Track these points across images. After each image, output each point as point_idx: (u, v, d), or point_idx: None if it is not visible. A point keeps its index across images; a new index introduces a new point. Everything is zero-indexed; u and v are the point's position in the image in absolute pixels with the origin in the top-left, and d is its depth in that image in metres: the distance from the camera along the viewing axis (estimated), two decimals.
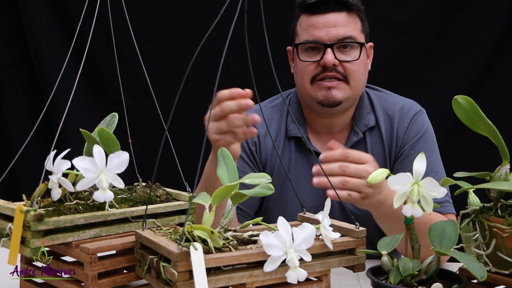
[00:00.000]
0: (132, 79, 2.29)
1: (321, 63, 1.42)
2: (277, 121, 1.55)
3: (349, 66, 1.42)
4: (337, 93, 1.42)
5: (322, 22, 1.42)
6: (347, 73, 1.42)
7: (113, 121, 1.13)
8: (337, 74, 1.42)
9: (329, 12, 1.42)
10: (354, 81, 1.43)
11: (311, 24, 1.43)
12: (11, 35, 2.43)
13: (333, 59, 1.40)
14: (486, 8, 2.27)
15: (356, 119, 1.51)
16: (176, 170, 1.10)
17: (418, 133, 1.49)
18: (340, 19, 1.42)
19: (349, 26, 1.43)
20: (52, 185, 0.93)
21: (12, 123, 2.44)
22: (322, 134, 1.54)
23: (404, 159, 1.48)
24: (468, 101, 0.87)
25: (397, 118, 1.51)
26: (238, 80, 2.35)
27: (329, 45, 1.41)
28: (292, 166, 1.51)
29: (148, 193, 1.08)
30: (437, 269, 0.83)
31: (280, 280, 0.85)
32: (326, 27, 1.42)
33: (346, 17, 1.43)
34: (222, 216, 0.93)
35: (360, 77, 1.46)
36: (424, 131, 1.50)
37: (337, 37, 1.41)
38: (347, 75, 1.42)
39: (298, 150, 1.52)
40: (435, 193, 0.81)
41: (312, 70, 1.43)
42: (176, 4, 2.39)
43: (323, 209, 0.92)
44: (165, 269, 0.80)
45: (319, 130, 1.54)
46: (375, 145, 1.50)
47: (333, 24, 1.42)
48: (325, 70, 1.42)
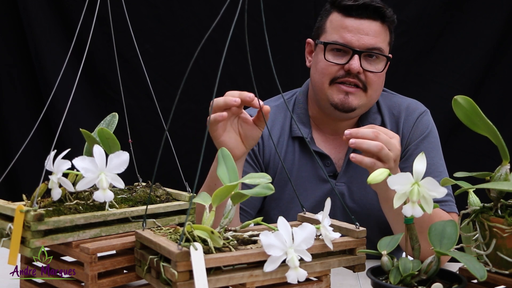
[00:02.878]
0: (132, 79, 2.28)
1: (346, 68, 1.41)
2: (281, 121, 1.54)
3: (371, 76, 1.42)
4: (353, 100, 1.42)
5: (356, 26, 1.41)
6: (367, 82, 1.42)
7: (113, 121, 1.13)
8: (358, 81, 1.42)
9: (364, 18, 1.41)
10: (372, 91, 1.44)
11: (344, 26, 1.41)
12: (11, 35, 2.43)
13: (359, 66, 1.40)
14: (486, 8, 2.27)
15: (363, 119, 1.51)
16: (176, 170, 1.10)
17: (423, 133, 1.49)
18: (374, 28, 1.41)
19: (380, 37, 1.43)
20: (52, 185, 0.93)
21: (12, 123, 2.44)
22: (327, 134, 1.53)
23: (408, 158, 1.48)
24: (468, 101, 0.87)
25: (403, 117, 1.51)
26: (238, 80, 2.35)
27: (358, 52, 1.40)
28: (295, 166, 1.50)
29: (148, 193, 1.08)
30: (437, 269, 0.83)
31: (280, 280, 0.85)
32: (359, 33, 1.40)
33: (380, 27, 1.43)
34: (222, 216, 0.93)
35: (378, 88, 1.46)
36: (429, 131, 1.51)
37: (367, 46, 1.41)
38: (367, 84, 1.42)
39: (302, 150, 1.51)
40: (435, 193, 0.81)
41: (334, 72, 1.42)
42: (176, 4, 2.39)
43: (323, 209, 0.92)
44: (165, 269, 0.80)
45: (324, 130, 1.53)
46: None
47: (366, 31, 1.41)
48: (348, 75, 1.41)
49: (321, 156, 1.50)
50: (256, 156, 1.52)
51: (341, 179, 1.49)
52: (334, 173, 1.50)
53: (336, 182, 1.49)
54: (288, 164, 1.50)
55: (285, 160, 1.51)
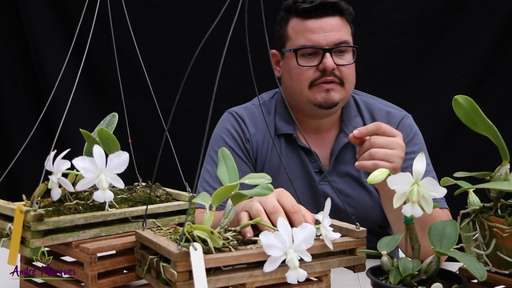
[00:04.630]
0: (132, 79, 2.29)
1: (320, 68, 1.44)
2: (268, 120, 1.57)
3: (344, 69, 1.47)
4: (335, 95, 1.46)
5: (319, 26, 1.44)
6: (343, 76, 1.46)
7: (113, 121, 1.13)
8: (334, 78, 1.45)
9: (324, 17, 1.45)
10: (348, 83, 1.48)
11: (308, 29, 1.44)
12: (11, 35, 2.43)
13: (333, 63, 1.43)
14: (486, 8, 2.27)
15: (345, 122, 1.55)
16: (176, 170, 1.10)
17: (408, 136, 1.52)
18: (335, 24, 1.45)
19: (343, 30, 1.47)
20: (52, 185, 0.93)
21: (12, 123, 2.44)
22: (309, 133, 1.56)
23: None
24: (468, 101, 0.87)
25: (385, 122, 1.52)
26: (238, 80, 2.35)
27: (328, 50, 1.43)
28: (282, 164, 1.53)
29: (148, 193, 1.08)
30: (437, 269, 0.83)
31: (280, 280, 0.85)
32: (323, 32, 1.44)
33: (340, 21, 1.47)
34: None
35: (353, 79, 1.50)
36: (414, 134, 1.54)
37: (334, 42, 1.44)
38: (343, 79, 1.46)
39: (287, 146, 1.55)
40: (435, 193, 0.81)
41: (310, 75, 1.45)
42: (176, 4, 2.39)
43: (323, 209, 0.92)
44: (165, 269, 0.80)
45: (306, 130, 1.56)
46: None
47: (329, 28, 1.44)
48: (324, 74, 1.44)
49: (306, 152, 1.53)
50: (248, 152, 1.55)
51: (329, 176, 1.52)
52: (320, 169, 1.53)
53: (320, 181, 1.52)
54: (276, 160, 1.53)
55: (271, 157, 1.54)
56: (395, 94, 2.34)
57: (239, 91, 2.34)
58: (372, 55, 2.38)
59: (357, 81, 1.56)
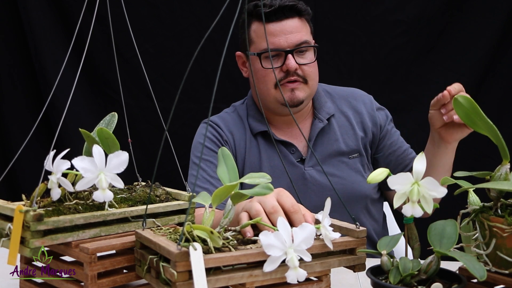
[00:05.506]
0: (132, 79, 2.29)
1: (284, 69, 1.51)
2: (240, 123, 1.65)
3: (306, 68, 1.53)
4: (299, 93, 1.53)
5: (279, 29, 1.50)
6: (305, 75, 1.54)
7: (112, 121, 1.13)
8: (298, 77, 1.52)
9: (283, 19, 1.51)
10: (311, 81, 1.55)
11: (269, 32, 1.50)
12: (11, 35, 2.43)
13: (295, 64, 1.50)
14: (486, 8, 2.27)
15: (318, 108, 1.64)
16: (176, 170, 1.10)
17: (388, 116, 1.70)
18: (295, 25, 1.52)
19: (303, 31, 1.53)
20: (52, 185, 0.93)
21: (12, 123, 2.45)
22: (284, 128, 1.64)
23: (385, 136, 1.68)
24: (468, 100, 0.87)
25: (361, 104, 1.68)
26: (238, 80, 2.35)
27: (289, 51, 1.50)
28: (264, 159, 1.60)
29: (148, 192, 1.08)
30: (437, 269, 0.83)
31: (280, 280, 0.84)
32: (284, 34, 1.50)
33: (299, 22, 1.53)
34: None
35: (316, 76, 1.58)
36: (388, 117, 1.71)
37: (295, 43, 1.51)
38: (306, 77, 1.54)
39: (265, 143, 1.62)
40: (435, 193, 0.81)
41: (274, 76, 1.51)
42: (176, 4, 2.39)
43: (323, 209, 0.92)
44: (165, 269, 0.80)
45: (280, 125, 1.64)
46: (343, 127, 1.64)
47: (289, 30, 1.50)
48: (288, 75, 1.51)
49: (285, 145, 1.60)
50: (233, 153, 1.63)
51: (308, 163, 1.59)
52: (301, 158, 1.60)
53: (305, 167, 1.59)
54: (256, 158, 1.60)
55: (250, 156, 1.60)
56: (395, 94, 2.35)
57: (238, 91, 2.34)
58: (372, 55, 2.38)
59: (356, 82, 1.57)
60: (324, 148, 1.61)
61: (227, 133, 1.62)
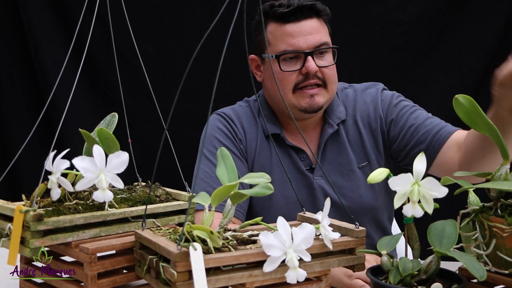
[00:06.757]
0: (132, 79, 2.29)
1: (303, 71, 1.44)
2: (253, 122, 1.57)
3: (326, 71, 1.46)
4: (319, 99, 1.46)
5: (298, 30, 1.44)
6: (326, 78, 1.46)
7: (112, 121, 1.13)
8: (318, 80, 1.45)
9: (302, 20, 1.44)
10: (331, 84, 1.48)
11: (287, 33, 1.44)
12: (11, 35, 2.43)
13: (315, 66, 1.43)
14: (486, 8, 2.27)
15: (329, 113, 1.55)
16: (176, 170, 1.10)
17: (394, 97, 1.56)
18: (313, 26, 1.45)
19: (322, 31, 1.47)
20: (52, 185, 0.93)
21: (12, 123, 2.44)
22: (296, 133, 1.56)
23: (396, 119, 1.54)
24: (469, 100, 0.87)
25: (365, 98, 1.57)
26: (238, 80, 2.35)
27: (309, 53, 1.43)
28: (274, 163, 1.53)
29: (148, 193, 1.08)
30: (436, 269, 0.83)
31: (279, 280, 0.84)
32: (303, 35, 1.44)
33: (318, 23, 1.46)
34: None
35: (335, 80, 1.50)
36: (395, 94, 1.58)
37: (315, 44, 1.44)
38: (326, 80, 1.46)
39: (277, 146, 1.54)
40: (436, 193, 0.81)
41: (293, 79, 1.45)
42: (176, 4, 2.39)
43: (323, 209, 0.92)
44: (165, 269, 0.80)
45: (292, 131, 1.56)
46: (352, 133, 1.54)
47: (309, 31, 1.44)
48: (307, 78, 1.44)
49: (296, 150, 1.53)
50: (242, 151, 1.55)
51: (318, 172, 1.52)
52: (311, 166, 1.53)
53: (314, 176, 1.52)
54: (267, 161, 1.53)
55: (260, 157, 1.53)
56: None
57: (238, 91, 2.34)
58: (372, 55, 2.37)
59: (356, 82, 1.57)
60: (334, 157, 1.53)
61: (240, 128, 1.55)
